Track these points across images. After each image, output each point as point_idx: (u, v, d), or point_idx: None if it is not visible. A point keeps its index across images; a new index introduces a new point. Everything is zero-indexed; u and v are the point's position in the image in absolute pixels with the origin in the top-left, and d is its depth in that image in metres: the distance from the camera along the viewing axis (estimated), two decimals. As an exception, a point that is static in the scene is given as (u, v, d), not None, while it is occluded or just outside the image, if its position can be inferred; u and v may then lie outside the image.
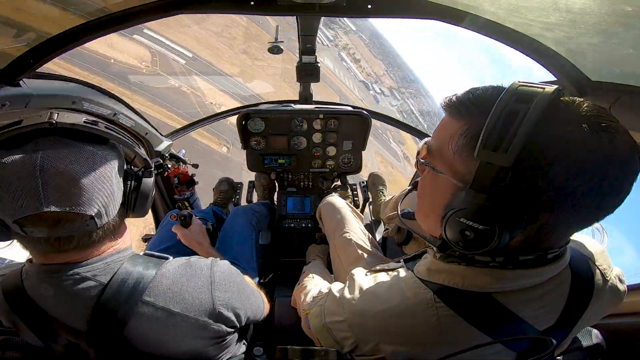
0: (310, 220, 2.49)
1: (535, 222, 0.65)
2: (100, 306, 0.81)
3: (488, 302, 0.73)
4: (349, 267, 1.54)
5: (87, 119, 0.80)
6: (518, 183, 0.61)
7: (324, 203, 2.05)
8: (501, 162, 0.59)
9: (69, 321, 0.83)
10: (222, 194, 2.76)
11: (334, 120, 2.50)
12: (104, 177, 0.78)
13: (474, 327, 0.73)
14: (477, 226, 0.64)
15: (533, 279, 0.73)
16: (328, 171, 2.68)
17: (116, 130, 0.84)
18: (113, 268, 0.85)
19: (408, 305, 0.79)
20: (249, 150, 2.58)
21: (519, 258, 0.70)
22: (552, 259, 0.72)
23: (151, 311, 0.84)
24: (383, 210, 2.23)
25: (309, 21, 1.72)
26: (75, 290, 0.81)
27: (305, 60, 2.11)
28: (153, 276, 0.86)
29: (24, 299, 0.83)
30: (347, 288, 0.98)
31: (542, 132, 0.59)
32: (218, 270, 0.97)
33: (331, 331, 0.96)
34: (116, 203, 0.84)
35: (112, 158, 0.82)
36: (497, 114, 0.61)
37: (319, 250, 2.06)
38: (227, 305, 0.94)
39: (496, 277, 0.72)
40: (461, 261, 0.76)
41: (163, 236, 1.90)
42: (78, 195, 0.73)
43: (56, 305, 0.82)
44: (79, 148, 0.76)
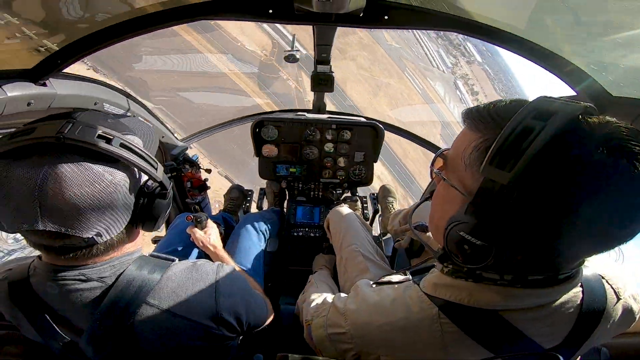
0: (318, 230, 2.48)
1: (542, 244, 0.63)
2: (104, 307, 0.81)
3: (494, 320, 0.72)
4: (355, 278, 1.52)
5: (103, 133, 0.74)
6: (523, 203, 0.59)
7: (332, 213, 2.04)
8: (502, 180, 0.58)
9: (72, 319, 0.84)
10: (232, 201, 2.78)
11: (346, 131, 2.51)
12: (107, 204, 0.74)
13: (479, 344, 0.72)
14: (475, 241, 0.63)
15: (542, 299, 0.71)
16: (338, 182, 2.67)
17: (132, 149, 0.78)
18: (119, 270, 0.85)
19: (412, 320, 0.78)
20: (261, 157, 2.61)
21: (527, 277, 0.68)
22: (564, 280, 0.70)
23: (155, 313, 0.84)
24: (390, 221, 2.20)
25: (325, 31, 1.74)
26: (80, 290, 0.81)
27: (320, 70, 2.12)
28: (159, 279, 0.87)
29: (29, 294, 0.84)
30: (351, 299, 0.98)
31: (555, 152, 0.56)
32: (223, 275, 0.96)
33: (333, 342, 0.95)
34: (121, 224, 0.81)
35: (121, 180, 0.77)
36: (510, 129, 0.59)
37: (326, 260, 2.04)
38: (229, 310, 0.94)
39: (504, 295, 0.70)
40: (468, 277, 0.75)
41: (172, 239, 1.91)
42: (76, 219, 0.71)
43: (60, 303, 0.83)
44: (86, 169, 0.71)
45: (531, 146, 0.56)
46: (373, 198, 2.84)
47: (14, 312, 0.86)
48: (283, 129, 2.51)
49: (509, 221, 0.60)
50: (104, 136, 0.73)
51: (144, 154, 0.80)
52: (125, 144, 0.76)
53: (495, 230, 0.61)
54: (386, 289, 0.94)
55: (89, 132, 0.72)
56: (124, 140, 0.76)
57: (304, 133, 2.53)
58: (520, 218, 0.60)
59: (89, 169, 0.71)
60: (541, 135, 0.56)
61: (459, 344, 0.74)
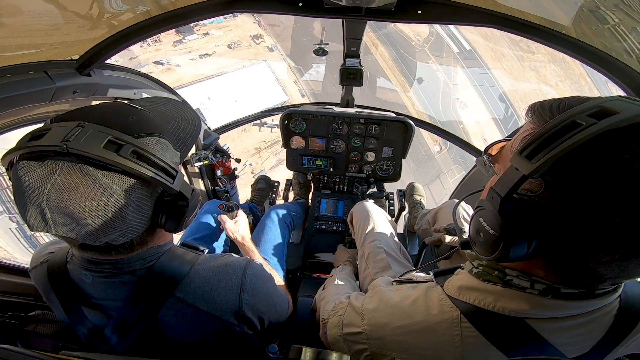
0: (341, 223, 2.48)
1: (567, 247, 0.58)
2: (133, 298, 0.84)
3: (519, 327, 0.69)
4: (376, 275, 1.50)
5: (114, 138, 0.67)
6: (550, 200, 0.56)
7: (357, 207, 2.02)
8: (524, 170, 0.56)
9: (103, 307, 0.88)
10: (258, 192, 2.84)
11: (375, 126, 2.48)
12: (117, 216, 0.70)
13: (500, 351, 0.70)
14: (488, 229, 0.63)
15: (573, 310, 0.67)
16: (365, 176, 2.64)
17: (146, 156, 0.70)
18: (149, 262, 0.86)
19: (431, 323, 0.77)
20: (289, 149, 2.64)
21: (560, 290, 0.64)
22: (601, 295, 0.65)
23: (181, 306, 0.86)
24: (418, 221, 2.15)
25: (354, 25, 1.71)
26: (112, 281, 0.84)
27: (349, 64, 2.11)
28: (187, 273, 0.88)
29: (65, 279, 0.88)
30: (370, 299, 0.96)
31: (595, 152, 0.52)
32: (250, 272, 0.96)
33: (347, 343, 0.95)
34: (137, 229, 0.77)
35: (134, 190, 0.71)
36: (555, 122, 0.56)
37: (349, 254, 2.03)
38: (252, 309, 0.94)
39: (532, 303, 0.67)
40: (497, 281, 0.72)
41: (201, 225, 1.98)
42: (85, 230, 0.69)
43: (93, 291, 0.87)
44: (94, 180, 0.66)
45: (567, 141, 0.52)
46: (400, 195, 2.79)
47: (50, 294, 0.92)
48: (311, 122, 2.52)
49: (522, 214, 0.59)
50: (114, 142, 0.67)
51: (160, 162, 0.72)
52: (138, 150, 0.69)
53: (506, 220, 0.59)
54: (406, 288, 0.92)
55: (96, 138, 0.66)
56: (137, 146, 0.69)
57: (331, 126, 2.52)
58: (537, 213, 0.58)
59: (96, 180, 0.66)
60: (583, 132, 0.51)
61: (479, 350, 0.71)
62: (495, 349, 0.70)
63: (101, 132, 0.67)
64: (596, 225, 0.53)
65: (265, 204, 2.84)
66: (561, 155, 0.52)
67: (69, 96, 1.31)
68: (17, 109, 1.14)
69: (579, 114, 0.54)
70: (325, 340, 1.08)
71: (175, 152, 0.81)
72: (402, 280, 1.02)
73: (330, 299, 1.26)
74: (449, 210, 1.74)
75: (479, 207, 0.66)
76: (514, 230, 0.59)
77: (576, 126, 0.53)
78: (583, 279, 0.61)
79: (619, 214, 0.51)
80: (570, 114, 0.55)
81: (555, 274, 0.63)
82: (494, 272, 0.72)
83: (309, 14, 1.37)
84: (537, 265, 0.65)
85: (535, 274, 0.66)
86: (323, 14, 1.35)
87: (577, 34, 1.20)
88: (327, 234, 2.45)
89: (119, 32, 1.27)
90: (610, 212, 0.52)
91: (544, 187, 0.57)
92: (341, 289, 1.46)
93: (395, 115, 2.51)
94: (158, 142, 0.76)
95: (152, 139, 0.75)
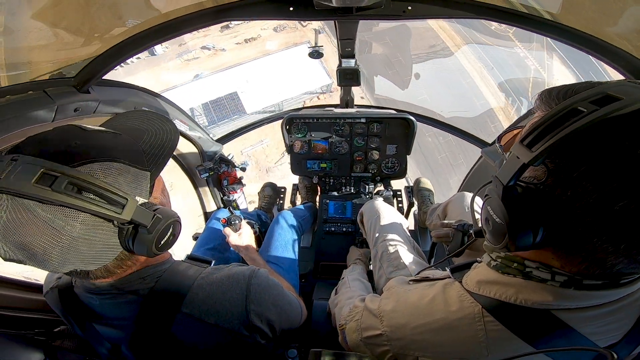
0: (350, 224, 2.45)
1: (589, 244, 0.57)
2: (140, 316, 0.84)
3: (545, 318, 0.66)
4: (391, 274, 1.47)
5: (47, 171, 0.62)
6: (554, 188, 0.56)
7: (366, 207, 2.00)
8: (523, 158, 0.56)
9: (114, 327, 0.88)
10: (266, 199, 2.84)
11: (376, 124, 2.47)
12: (66, 248, 0.66)
13: (527, 343, 0.67)
14: (495, 218, 0.63)
15: (599, 300, 0.64)
16: (370, 175, 2.62)
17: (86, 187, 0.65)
18: (152, 281, 0.86)
19: (452, 320, 0.76)
20: (293, 154, 2.63)
21: (582, 282, 0.62)
22: (626, 283, 0.63)
23: (189, 322, 0.86)
24: (429, 216, 2.12)
25: (347, 25, 1.73)
26: (117, 302, 0.84)
27: (345, 65, 2.12)
28: (189, 288, 0.87)
29: (75, 302, 0.89)
30: (386, 300, 0.95)
31: (597, 141, 0.52)
32: (255, 282, 0.95)
33: (368, 346, 0.94)
34: (100, 257, 0.73)
35: (77, 223, 0.66)
36: (557, 110, 0.55)
37: (361, 253, 2.02)
38: (261, 318, 0.93)
39: (555, 294, 0.65)
40: (517, 274, 0.70)
41: (210, 235, 1.99)
42: (42, 260, 0.67)
43: (102, 312, 0.88)
44: (34, 215, 0.63)
45: (565, 129, 0.52)
46: (408, 191, 2.76)
47: (67, 317, 0.93)
48: (312, 125, 2.53)
49: (528, 202, 0.59)
50: (48, 174, 0.62)
51: (104, 191, 0.67)
52: (75, 182, 0.64)
53: (510, 208, 0.60)
54: (423, 286, 0.91)
55: (27, 174, 0.61)
56: (74, 176, 0.64)
57: (333, 128, 2.52)
58: (542, 201, 0.58)
59: (37, 216, 0.63)
60: (583, 120, 0.51)
61: (504, 343, 0.70)
62: (521, 341, 0.68)
63: (33, 165, 0.62)
64: (597, 214, 0.53)
65: (273, 210, 2.83)
66: (559, 142, 0.52)
67: (71, 114, 1.31)
68: (21, 130, 1.15)
69: (581, 100, 0.54)
70: (346, 346, 1.06)
71: (138, 173, 0.76)
72: (418, 279, 1.00)
73: (345, 304, 1.25)
74: (459, 203, 1.71)
75: (487, 195, 0.67)
76: (519, 218, 0.59)
77: (577, 113, 0.53)
78: (598, 270, 0.59)
79: (619, 202, 0.50)
80: (573, 101, 0.55)
81: (571, 264, 0.62)
82: (513, 265, 0.71)
83: (300, 18, 1.37)
84: (551, 256, 0.64)
85: (553, 265, 0.64)
86: (315, 17, 1.35)
87: (567, 20, 1.19)
88: (337, 235, 2.43)
89: (113, 46, 1.28)
90: (610, 200, 0.51)
91: (547, 175, 0.57)
92: (354, 291, 1.44)
93: (396, 112, 2.50)
94: (107, 167, 0.70)
95: (99, 164, 0.69)
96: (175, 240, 0.85)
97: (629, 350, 0.71)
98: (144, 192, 0.77)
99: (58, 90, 1.23)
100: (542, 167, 0.58)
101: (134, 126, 0.86)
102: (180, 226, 0.85)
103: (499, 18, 1.28)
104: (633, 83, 0.55)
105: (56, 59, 1.17)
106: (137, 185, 0.75)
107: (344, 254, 2.16)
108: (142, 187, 0.76)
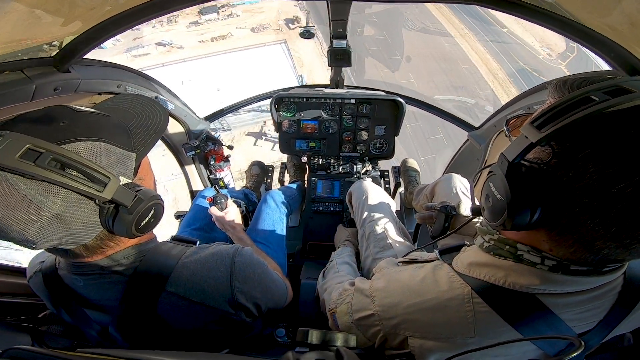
0: (338, 204, 2.50)
1: (582, 226, 0.60)
2: (126, 298, 0.85)
3: (530, 302, 0.71)
4: (377, 254, 1.52)
5: (33, 146, 0.63)
6: (557, 169, 0.59)
7: (354, 187, 2.02)
8: (532, 138, 0.59)
9: (102, 307, 0.89)
10: (253, 178, 2.83)
11: (366, 105, 2.47)
12: (45, 224, 0.67)
13: (512, 326, 0.72)
14: (496, 194, 0.66)
15: (582, 286, 0.69)
16: (359, 155, 2.65)
17: (68, 163, 0.66)
18: (135, 261, 0.86)
19: (442, 300, 0.78)
20: (282, 133, 2.62)
21: (570, 267, 0.66)
22: (609, 271, 0.68)
23: (174, 300, 0.87)
24: (415, 196, 2.17)
25: (339, 6, 1.68)
26: (102, 282, 0.85)
27: (337, 45, 2.09)
28: (174, 267, 0.88)
29: (60, 285, 0.89)
30: (377, 281, 0.97)
31: (605, 127, 0.54)
32: (239, 260, 0.96)
33: (361, 327, 0.95)
34: (79, 235, 0.74)
35: (57, 199, 0.67)
36: (573, 96, 0.57)
37: (349, 233, 2.04)
38: (246, 296, 0.94)
39: (543, 278, 0.68)
40: (509, 256, 0.73)
41: (196, 215, 1.97)
42: (19, 235, 0.67)
43: (88, 293, 0.88)
44: (16, 189, 0.64)
45: (577, 114, 0.54)
46: (395, 171, 2.81)
47: (53, 301, 0.93)
48: (302, 105, 2.50)
49: (530, 181, 0.61)
50: (33, 150, 0.63)
51: (87, 169, 0.68)
52: (59, 158, 0.65)
53: (513, 185, 0.62)
54: (413, 268, 0.93)
55: (12, 149, 0.62)
56: (58, 153, 0.65)
57: (322, 108, 2.51)
58: (544, 181, 0.60)
59: (18, 190, 0.64)
60: (594, 107, 0.54)
61: (491, 325, 0.73)
62: (505, 324, 0.72)
63: (19, 140, 0.63)
64: (595, 195, 0.56)
65: (261, 189, 2.84)
66: (569, 124, 0.55)
67: (51, 94, 1.26)
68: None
69: (595, 90, 0.56)
70: (337, 330, 1.07)
71: (124, 154, 0.77)
72: (407, 261, 1.02)
73: (334, 288, 1.26)
74: (446, 184, 1.75)
75: (491, 172, 0.69)
76: (520, 196, 0.61)
77: (589, 101, 0.55)
78: (585, 254, 0.63)
79: (617, 184, 0.53)
80: (587, 89, 0.57)
81: (561, 246, 0.65)
82: (505, 247, 0.73)
83: None
84: (543, 238, 0.67)
85: (543, 249, 0.68)
86: None
87: (560, 10, 1.18)
88: (325, 215, 2.48)
89: (95, 25, 1.21)
90: (609, 182, 0.54)
91: (552, 156, 0.59)
92: (343, 276, 1.46)
93: (385, 93, 2.49)
94: (92, 146, 0.71)
95: (85, 144, 0.70)
96: (157, 223, 0.86)
97: (600, 338, 0.76)
98: (128, 173, 0.78)
99: (37, 70, 1.18)
100: (547, 149, 0.60)
101: (123, 108, 0.87)
102: (162, 208, 0.86)
103: (494, 5, 1.27)
104: None
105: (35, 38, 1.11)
106: (122, 165, 0.76)
107: (332, 233, 2.20)
108: (127, 167, 0.77)
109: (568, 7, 1.14)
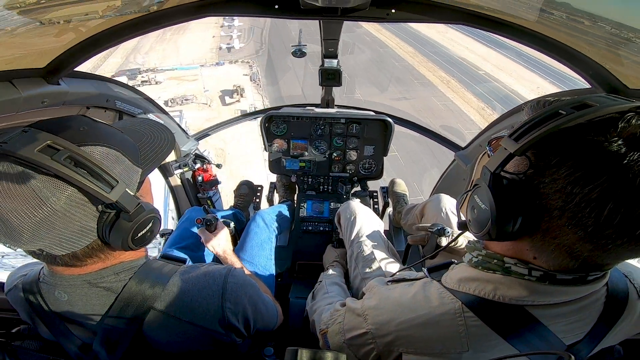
0: (327, 224, 2.48)
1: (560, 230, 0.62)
2: (113, 314, 0.83)
3: (520, 315, 0.72)
4: (366, 274, 1.51)
5: (52, 143, 0.66)
6: (533, 178, 0.63)
7: (343, 208, 2.03)
8: (510, 149, 0.63)
9: (85, 323, 0.86)
10: (241, 197, 2.79)
11: (355, 125, 2.51)
12: (43, 221, 0.68)
13: (504, 339, 0.73)
14: (481, 204, 0.69)
15: (569, 296, 0.71)
16: (348, 176, 2.66)
17: (82, 162, 0.68)
18: (125, 277, 0.85)
19: (434, 315, 0.78)
20: (271, 152, 2.62)
21: (556, 276, 0.68)
22: (593, 280, 0.70)
23: (162, 318, 0.85)
24: (404, 216, 2.18)
25: (331, 25, 1.74)
26: (88, 298, 0.83)
27: (328, 65, 2.14)
28: (165, 285, 0.87)
29: (42, 299, 0.86)
30: (369, 299, 0.97)
31: (570, 136, 0.59)
32: (232, 281, 0.95)
33: (352, 347, 0.95)
34: (72, 240, 0.74)
35: (63, 196, 0.68)
36: (544, 111, 0.63)
37: (338, 254, 2.02)
38: (237, 316, 0.94)
39: (530, 289, 0.70)
40: (497, 269, 0.74)
41: (182, 234, 1.94)
42: (10, 234, 0.68)
43: (71, 309, 0.85)
44: (24, 181, 0.65)
45: (548, 125, 0.60)
46: (383, 191, 2.83)
47: (32, 315, 0.89)
48: (292, 124, 2.53)
49: (510, 191, 0.65)
50: (52, 147, 0.66)
51: (99, 170, 0.70)
52: (75, 157, 0.67)
53: (496, 195, 0.65)
54: (403, 285, 0.94)
55: (33, 142, 0.65)
56: (76, 152, 0.67)
57: (312, 127, 2.53)
58: (522, 191, 0.64)
59: (27, 182, 0.65)
60: (562, 119, 0.59)
61: (484, 338, 0.74)
62: (498, 337, 0.73)
63: (41, 137, 0.67)
64: (569, 199, 0.59)
65: (249, 209, 2.81)
66: (542, 135, 0.60)
67: (39, 106, 1.24)
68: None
69: (564, 105, 0.62)
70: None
71: (132, 167, 0.79)
72: (396, 280, 1.03)
73: (325, 309, 1.25)
74: (435, 205, 1.78)
75: (476, 184, 0.72)
76: (503, 205, 0.65)
77: (558, 115, 0.61)
78: (567, 259, 0.65)
79: (586, 186, 0.57)
80: (557, 105, 0.63)
81: (541, 254, 0.67)
82: (493, 261, 0.75)
83: (285, 16, 1.37)
84: (527, 247, 0.69)
85: (527, 258, 0.70)
86: (299, 16, 1.35)
87: (542, 29, 1.26)
88: (315, 234, 2.45)
89: (87, 38, 1.22)
90: (579, 185, 0.57)
91: (529, 167, 0.63)
92: (333, 297, 1.45)
93: (374, 113, 2.55)
94: (106, 152, 0.74)
95: (100, 148, 0.74)
96: (152, 238, 0.86)
97: (590, 348, 0.77)
98: (132, 185, 0.80)
99: (26, 81, 1.16)
100: (525, 160, 0.64)
101: (134, 129, 0.91)
102: (159, 224, 0.87)
103: (479, 25, 1.33)
104: (607, 95, 0.64)
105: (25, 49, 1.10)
106: (129, 176, 0.79)
107: (321, 253, 2.17)
108: (132, 179, 0.80)
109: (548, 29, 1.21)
